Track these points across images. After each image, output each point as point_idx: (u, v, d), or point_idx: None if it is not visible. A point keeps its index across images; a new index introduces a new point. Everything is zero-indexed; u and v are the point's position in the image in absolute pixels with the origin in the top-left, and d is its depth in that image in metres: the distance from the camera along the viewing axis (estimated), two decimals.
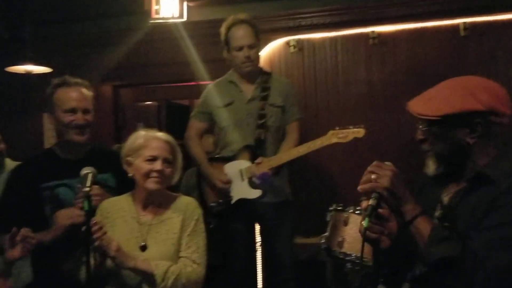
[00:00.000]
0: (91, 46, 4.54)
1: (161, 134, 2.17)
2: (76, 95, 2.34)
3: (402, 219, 1.50)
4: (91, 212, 1.87)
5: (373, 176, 1.48)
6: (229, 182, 3.11)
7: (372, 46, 4.05)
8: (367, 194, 1.48)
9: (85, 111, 2.35)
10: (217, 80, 3.29)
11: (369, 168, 1.50)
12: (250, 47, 3.04)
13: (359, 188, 1.51)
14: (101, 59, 4.48)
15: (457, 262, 1.39)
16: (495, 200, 1.44)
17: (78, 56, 4.54)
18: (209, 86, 3.28)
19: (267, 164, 3.03)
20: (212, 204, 3.14)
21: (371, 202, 1.45)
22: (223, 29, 3.12)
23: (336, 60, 4.14)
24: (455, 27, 3.92)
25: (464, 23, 3.88)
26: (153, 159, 2.08)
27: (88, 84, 2.42)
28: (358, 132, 2.93)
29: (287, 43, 4.21)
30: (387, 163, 1.54)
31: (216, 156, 3.27)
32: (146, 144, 2.11)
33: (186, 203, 2.17)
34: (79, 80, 2.39)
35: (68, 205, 2.28)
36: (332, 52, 4.15)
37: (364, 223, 1.43)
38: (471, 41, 3.90)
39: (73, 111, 2.32)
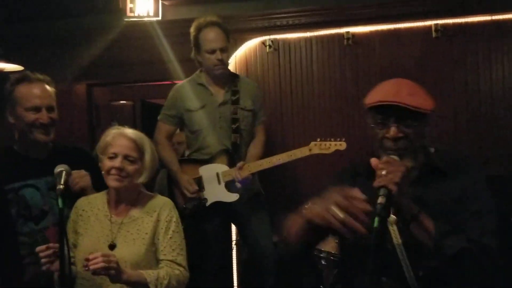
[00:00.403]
0: (64, 44, 4.48)
1: (129, 131, 2.11)
2: (39, 92, 2.21)
3: (402, 216, 1.46)
4: (65, 209, 1.84)
5: (383, 172, 1.43)
6: (197, 192, 3.11)
7: (347, 47, 4.11)
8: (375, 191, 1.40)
9: (49, 109, 2.22)
10: (184, 81, 3.25)
11: (379, 165, 1.46)
12: (222, 50, 3.02)
13: (374, 184, 1.44)
14: (75, 58, 4.43)
15: (468, 252, 1.43)
16: (463, 191, 1.53)
17: (51, 54, 4.47)
18: (177, 88, 3.21)
19: (247, 169, 3.04)
20: (184, 206, 3.13)
21: (380, 200, 1.37)
22: (192, 30, 3.07)
23: (311, 60, 4.19)
24: (427, 29, 4.01)
25: (436, 25, 3.97)
26: (114, 156, 2.04)
27: (50, 80, 2.29)
28: (340, 145, 2.98)
29: (263, 42, 4.23)
30: (393, 157, 1.51)
31: (189, 158, 3.27)
32: (112, 141, 2.07)
33: (162, 204, 2.13)
34: (40, 76, 2.26)
35: (35, 207, 2.21)
36: (307, 52, 4.19)
37: (375, 223, 1.32)
38: (442, 42, 3.99)
39: (36, 109, 2.19)
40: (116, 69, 4.52)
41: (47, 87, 2.25)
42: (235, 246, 3.79)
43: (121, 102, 5.43)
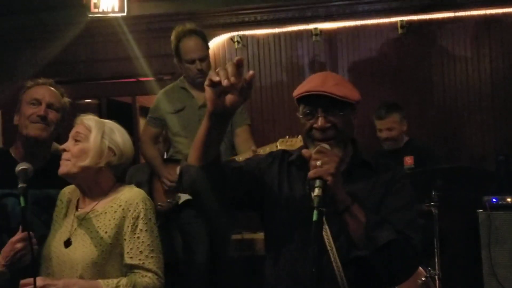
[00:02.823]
0: (26, 41, 4.36)
1: (87, 115, 1.98)
2: (44, 89, 2.20)
3: (336, 207, 1.47)
4: (27, 209, 1.77)
5: (318, 163, 1.42)
6: (171, 173, 3.08)
7: (315, 43, 4.14)
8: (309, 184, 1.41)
9: (50, 106, 2.16)
10: (169, 86, 3.30)
11: (313, 155, 1.45)
12: (202, 59, 3.05)
13: (308, 175, 1.44)
14: (37, 54, 4.31)
15: (396, 243, 1.46)
16: (389, 186, 1.59)
17: (12, 51, 4.34)
18: (161, 91, 3.30)
19: None
20: (160, 204, 3.10)
21: (317, 192, 1.36)
22: (173, 39, 3.11)
23: (280, 56, 4.19)
24: (393, 25, 4.08)
25: (401, 21, 4.05)
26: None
27: (63, 91, 2.27)
28: (301, 141, 2.98)
29: (231, 38, 4.21)
30: (324, 145, 1.52)
31: (170, 158, 3.30)
32: None
33: (129, 197, 1.87)
34: (50, 81, 2.26)
35: (15, 219, 2.08)
36: (276, 48, 4.20)
37: (314, 216, 1.32)
38: (408, 38, 4.08)
39: (37, 102, 2.15)
40: (80, 66, 4.44)
41: (54, 89, 2.24)
42: None
43: (86, 100, 5.29)
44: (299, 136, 2.96)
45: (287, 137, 2.99)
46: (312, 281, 1.33)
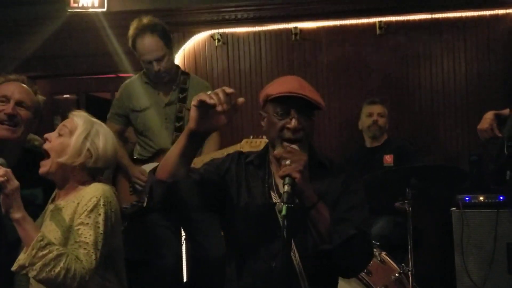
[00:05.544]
0: (3, 34, 4.29)
1: (78, 112, 1.98)
2: (14, 86, 2.14)
3: (303, 203, 1.54)
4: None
5: (287, 162, 1.51)
6: (144, 173, 2.99)
7: (294, 42, 4.17)
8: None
9: (20, 103, 2.10)
10: (131, 79, 3.12)
11: (283, 155, 1.54)
12: (159, 60, 2.85)
13: (278, 174, 1.54)
14: (15, 49, 4.25)
15: (355, 237, 1.57)
16: (345, 185, 1.69)
17: None
18: (124, 85, 3.11)
19: None
20: (125, 206, 3.01)
21: (286, 189, 1.46)
22: (130, 35, 2.93)
23: (260, 54, 4.22)
24: (371, 26, 4.13)
25: (380, 22, 4.10)
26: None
27: (36, 88, 2.23)
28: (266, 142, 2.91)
29: (212, 36, 4.22)
30: (294, 146, 1.59)
31: (135, 158, 3.19)
32: None
33: (88, 192, 1.83)
34: (23, 77, 2.22)
35: None
36: (256, 47, 4.22)
37: (283, 211, 1.42)
38: (386, 39, 4.13)
39: (5, 99, 2.09)
40: (59, 61, 4.39)
41: (25, 86, 2.18)
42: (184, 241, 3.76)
43: (65, 96, 5.26)
44: (264, 137, 2.75)
45: (251, 137, 2.84)
46: (274, 276, 1.38)
